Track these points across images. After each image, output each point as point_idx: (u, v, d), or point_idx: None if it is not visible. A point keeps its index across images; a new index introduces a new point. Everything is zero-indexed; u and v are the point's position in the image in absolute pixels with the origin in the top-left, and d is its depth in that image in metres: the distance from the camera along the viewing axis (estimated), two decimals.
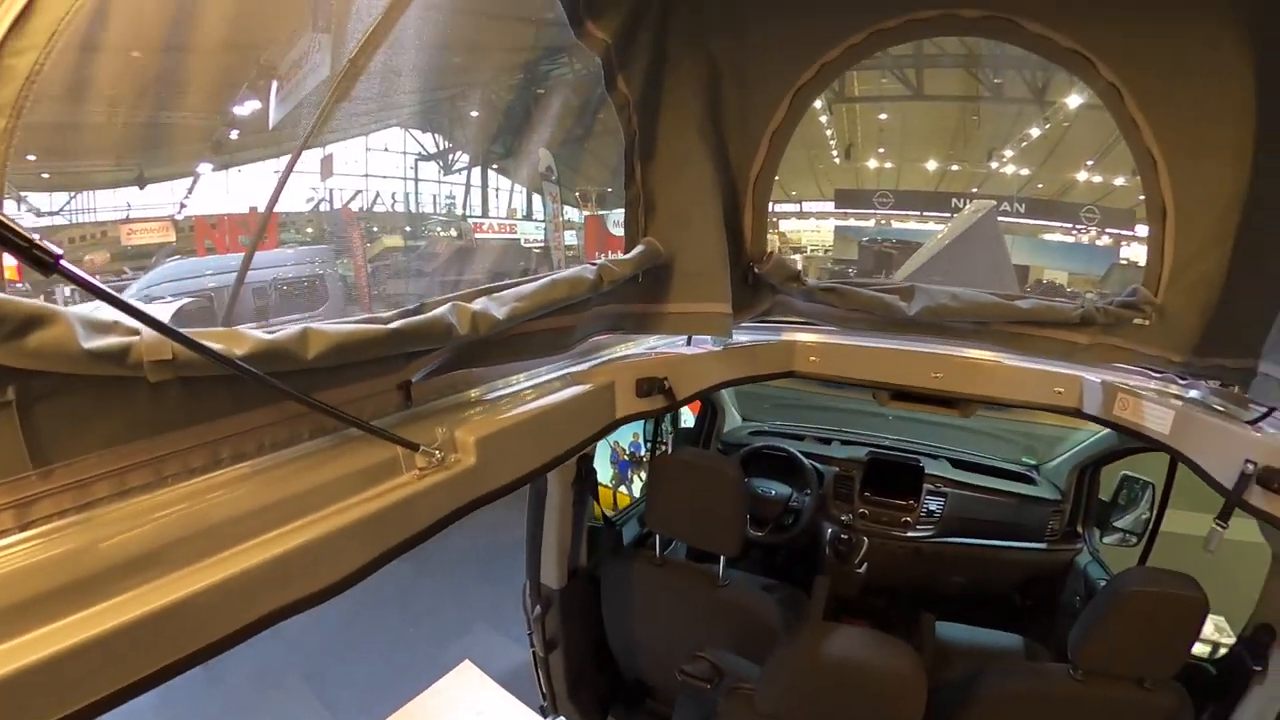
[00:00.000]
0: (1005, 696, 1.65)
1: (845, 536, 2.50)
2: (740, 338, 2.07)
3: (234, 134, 11.08)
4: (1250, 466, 1.31)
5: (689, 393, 1.91)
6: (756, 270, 1.98)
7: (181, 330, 0.76)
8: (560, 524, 2.01)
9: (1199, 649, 1.74)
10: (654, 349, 1.95)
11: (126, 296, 0.71)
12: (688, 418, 3.27)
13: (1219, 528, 1.37)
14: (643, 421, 2.10)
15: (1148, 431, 1.66)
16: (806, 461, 2.73)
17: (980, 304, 1.86)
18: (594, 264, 1.54)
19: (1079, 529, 2.66)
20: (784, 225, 23.87)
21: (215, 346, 0.81)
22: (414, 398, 1.21)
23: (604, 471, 4.47)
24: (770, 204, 1.99)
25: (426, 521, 1.09)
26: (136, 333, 0.75)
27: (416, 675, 3.65)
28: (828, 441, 3.06)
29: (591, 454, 2.01)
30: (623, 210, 1.87)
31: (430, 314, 1.11)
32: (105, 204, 11.57)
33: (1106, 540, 2.55)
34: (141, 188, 11.66)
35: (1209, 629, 3.90)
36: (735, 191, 1.96)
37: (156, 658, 0.77)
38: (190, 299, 8.05)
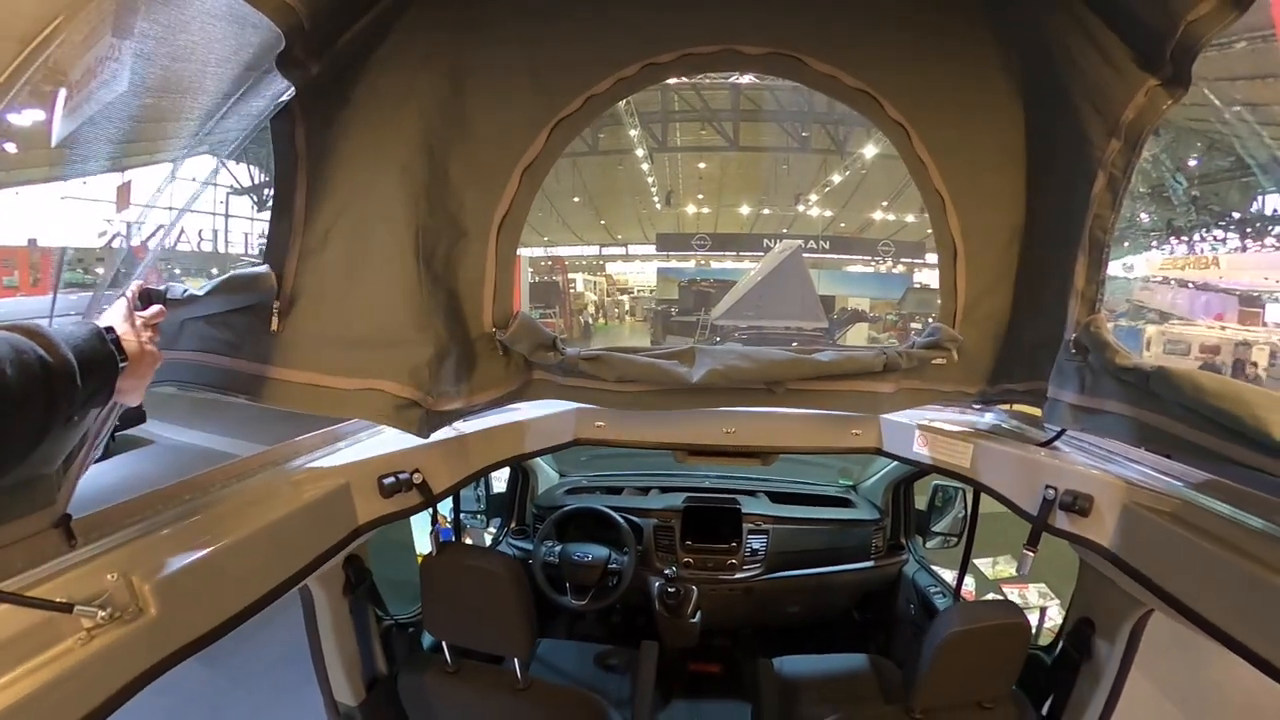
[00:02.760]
0: None
1: (673, 589, 2.41)
2: (520, 409, 1.86)
3: (9, 146, 9.35)
4: (1051, 492, 1.39)
5: (450, 483, 1.70)
6: (499, 338, 1.63)
7: None
8: (339, 636, 1.70)
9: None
10: (403, 437, 1.59)
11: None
12: (501, 480, 3.07)
13: (1029, 553, 1.44)
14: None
15: (949, 466, 1.73)
16: (620, 519, 2.61)
17: (774, 363, 1.72)
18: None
19: (902, 541, 2.77)
20: (611, 268, 24.56)
21: None
22: (78, 536, 0.95)
23: (425, 544, 4.12)
24: (599, 247, 1.76)
25: (101, 696, 0.86)
26: None
27: None
28: (646, 490, 3.01)
29: (362, 555, 1.71)
30: None
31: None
32: None
33: (929, 545, 2.68)
34: None
35: (1034, 597, 4.28)
36: (470, 241, 1.61)
37: None
38: None
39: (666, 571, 2.49)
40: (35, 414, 0.70)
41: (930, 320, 1.86)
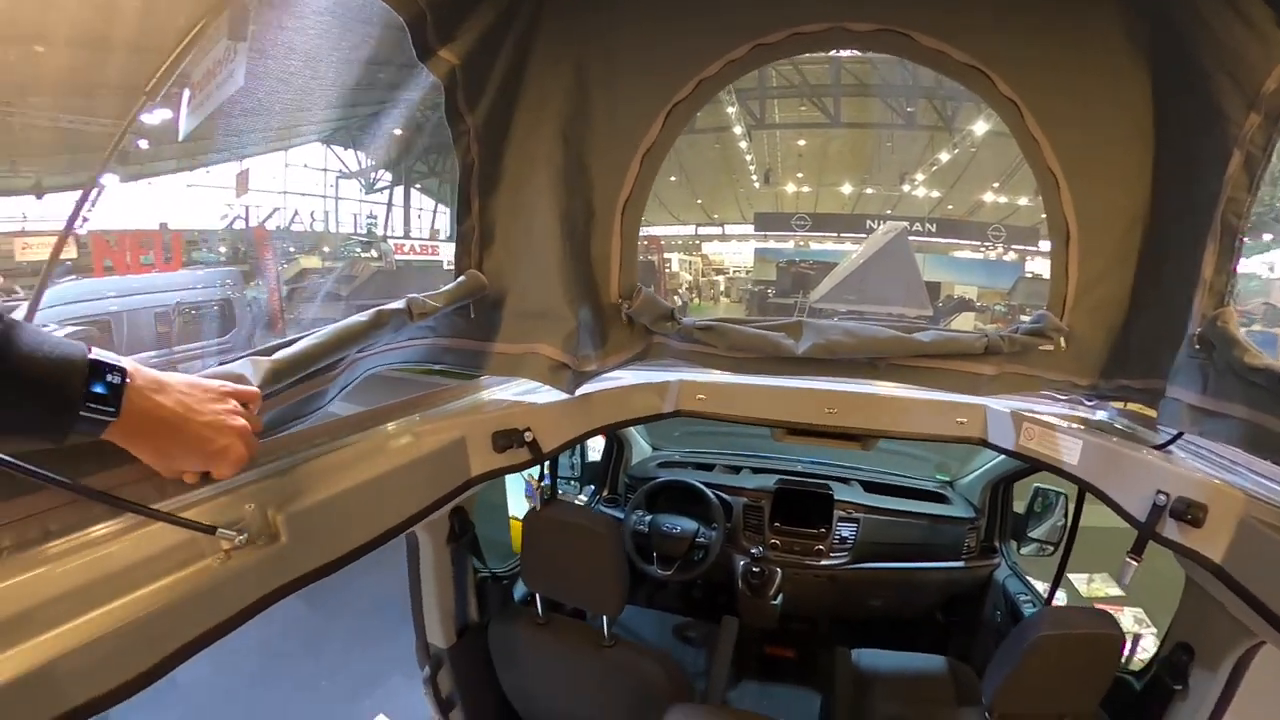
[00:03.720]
0: None
1: (757, 569, 2.41)
2: (624, 377, 1.93)
3: (143, 143, 10.40)
4: (1162, 498, 1.29)
5: (558, 443, 1.77)
6: (625, 310, 1.79)
7: None
8: (439, 582, 1.85)
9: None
10: (516, 397, 1.77)
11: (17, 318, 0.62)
12: (596, 448, 3.17)
13: (1132, 562, 1.33)
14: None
15: (1056, 462, 1.62)
16: (712, 495, 2.64)
17: (877, 339, 1.73)
18: (405, 298, 1.38)
19: (995, 544, 2.65)
20: (707, 248, 24.38)
21: None
22: None
23: (521, 506, 4.33)
24: (695, 226, 1.84)
25: (233, 609, 0.97)
26: None
27: None
28: (738, 470, 2.99)
29: (467, 507, 1.84)
30: None
31: (215, 369, 0.98)
32: None
33: (1024, 552, 2.54)
34: (39, 197, 10.91)
35: (1128, 622, 4.06)
36: (600, 220, 1.76)
37: None
38: (76, 326, 7.49)
39: (753, 551, 2.49)
40: None
41: (1024, 320, 1.75)
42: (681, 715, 1.66)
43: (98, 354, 0.69)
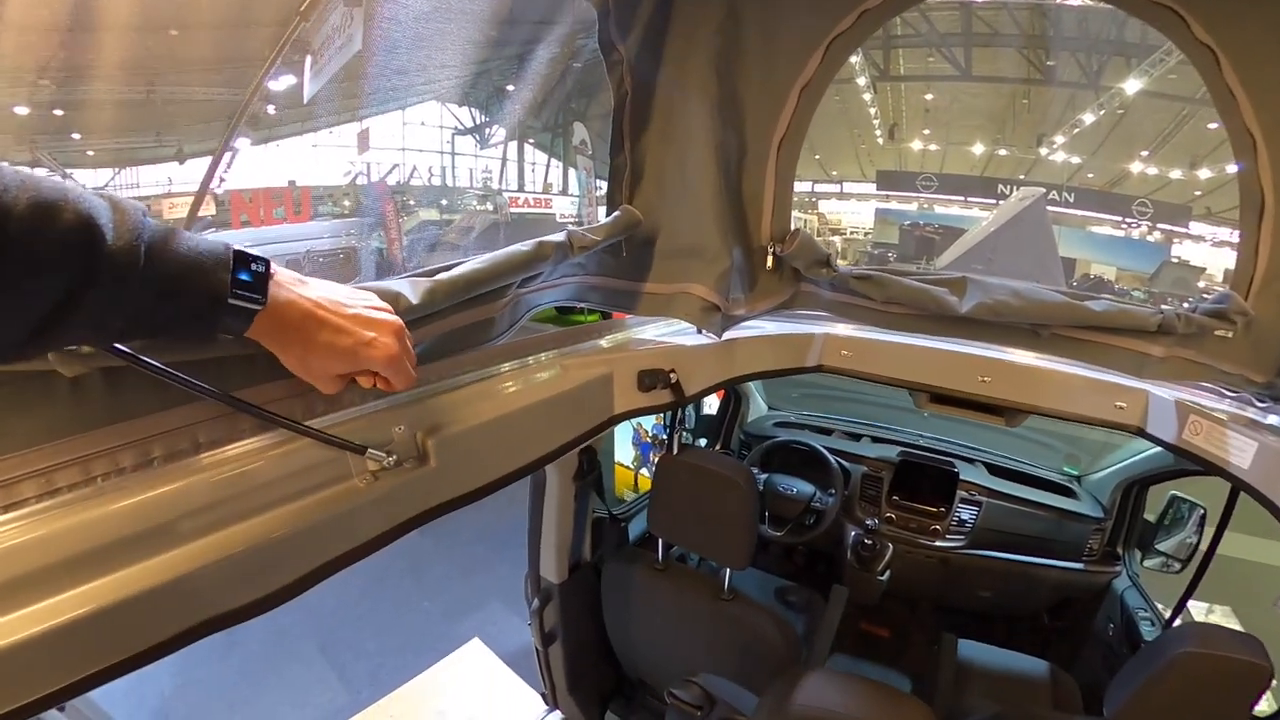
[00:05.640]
0: None
1: (869, 542, 2.36)
2: (764, 326, 1.87)
3: (270, 109, 11.29)
4: None
5: (699, 388, 1.75)
6: (777, 253, 1.71)
7: None
8: (560, 518, 1.88)
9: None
10: (659, 338, 1.74)
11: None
12: (711, 403, 3.16)
13: None
14: None
15: (1222, 464, 1.45)
16: (832, 459, 2.57)
17: (1046, 304, 1.59)
18: (564, 230, 1.37)
19: (1119, 550, 2.47)
20: (823, 206, 23.48)
21: None
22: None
23: (626, 453, 4.40)
24: (811, 183, 1.74)
25: (377, 530, 0.99)
26: None
27: (428, 650, 3.69)
28: (857, 437, 2.90)
29: (596, 446, 1.86)
30: None
31: (375, 283, 0.98)
32: (148, 180, 11.94)
33: (1147, 564, 2.34)
34: (181, 163, 12.11)
35: None
36: (753, 159, 1.69)
37: (92, 661, 0.73)
38: None
39: (868, 523, 2.44)
40: None
41: (1187, 303, 1.55)
42: (817, 681, 1.60)
43: (239, 247, 0.70)
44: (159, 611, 0.78)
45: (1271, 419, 1.51)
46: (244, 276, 0.69)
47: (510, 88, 16.98)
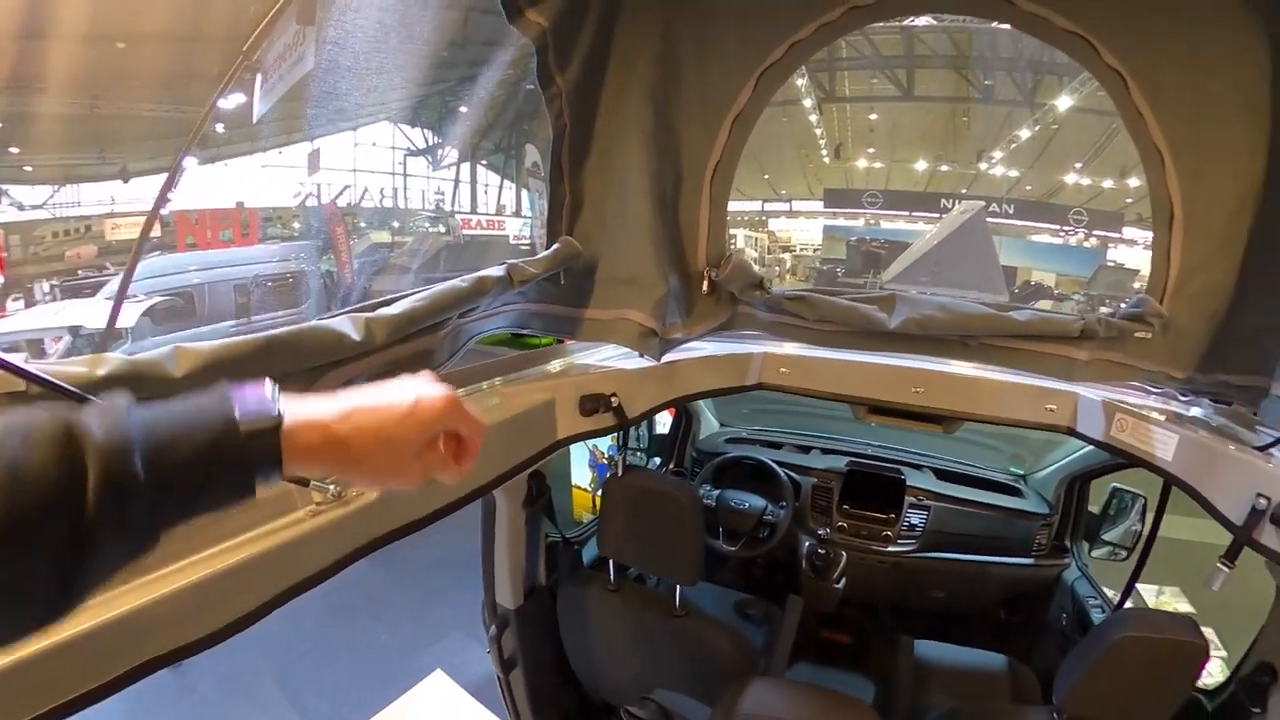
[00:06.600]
0: None
1: (822, 551, 2.39)
2: (706, 347, 1.93)
3: (219, 127, 11.01)
4: (1263, 501, 1.21)
5: (642, 410, 1.78)
6: (713, 277, 1.78)
7: (25, 363, 0.69)
8: (512, 544, 1.88)
9: None
10: (602, 363, 1.79)
11: (110, 292, 0.64)
12: (664, 422, 3.17)
13: (1224, 568, 1.26)
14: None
15: (1148, 457, 1.53)
16: (781, 472, 2.62)
17: (971, 316, 1.68)
18: (504, 264, 1.40)
19: (1067, 543, 2.56)
20: (773, 224, 23.92)
21: (76, 369, 0.73)
22: None
23: (583, 475, 4.39)
24: (761, 202, 1.81)
25: (324, 562, 0.99)
26: None
27: (389, 683, 3.60)
28: (807, 450, 2.95)
29: (544, 471, 1.87)
30: None
31: (316, 323, 0.99)
32: (89, 198, 11.54)
33: (1095, 554, 2.43)
34: (125, 181, 11.66)
35: None
36: (688, 187, 1.75)
37: (37, 702, 0.71)
38: (163, 298, 7.93)
39: (820, 532, 2.47)
40: None
41: (1123, 304, 1.66)
42: (764, 688, 1.65)
43: (242, 411, 0.57)
44: (106, 649, 0.76)
45: (1194, 411, 1.61)
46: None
47: (463, 109, 16.96)
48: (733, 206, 1.83)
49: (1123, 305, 1.60)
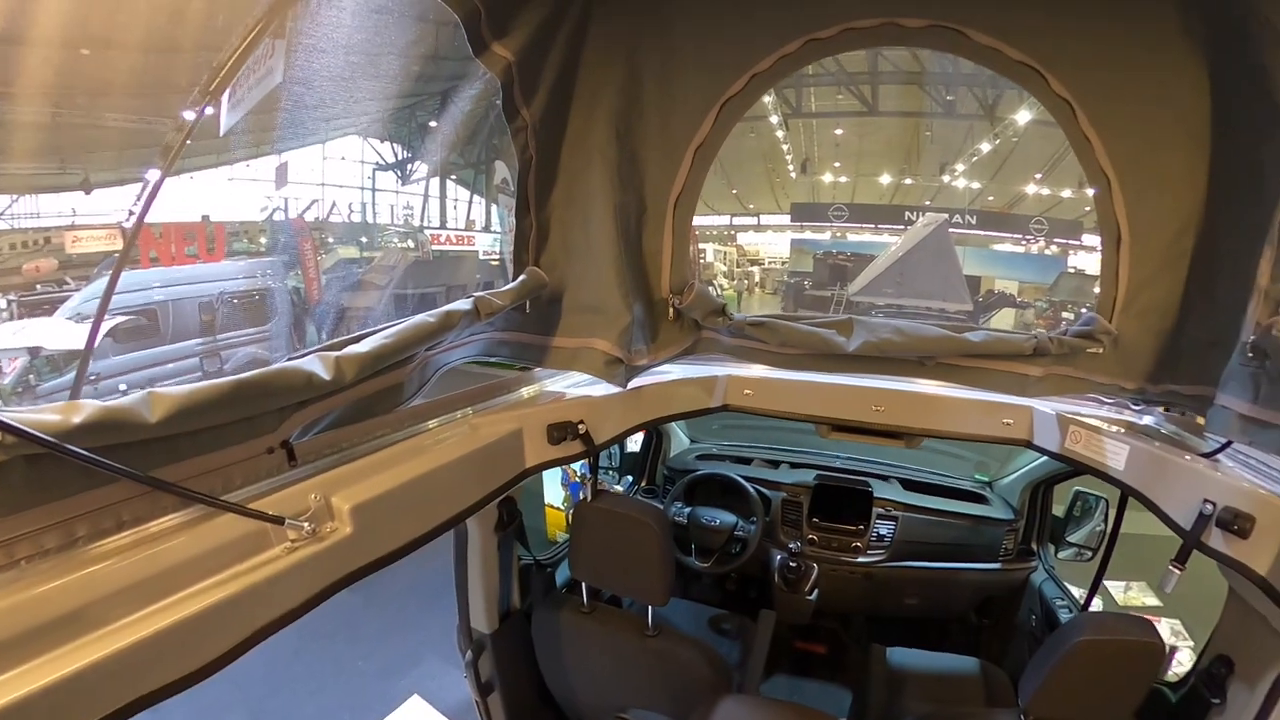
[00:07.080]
0: None
1: (794, 564, 2.42)
2: (672, 371, 1.96)
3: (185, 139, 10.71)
4: (1209, 507, 1.27)
5: (609, 435, 1.81)
6: (677, 305, 1.81)
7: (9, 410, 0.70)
8: (485, 569, 1.91)
9: None
10: (570, 388, 1.82)
11: (69, 309, 0.65)
12: (636, 441, 3.19)
13: (1176, 570, 1.31)
14: None
15: (1101, 467, 1.60)
16: (751, 488, 2.66)
17: (926, 339, 1.74)
18: (471, 297, 1.42)
19: (1033, 547, 2.62)
20: (742, 239, 24.15)
21: (51, 417, 0.73)
22: (298, 458, 1.10)
23: (556, 494, 4.37)
24: (730, 217, 1.84)
25: (298, 599, 1.00)
26: None
27: (366, 711, 3.53)
28: (776, 464, 3.00)
29: (515, 496, 1.89)
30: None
31: (284, 364, 1.00)
32: (49, 209, 11.21)
33: (1061, 556, 2.51)
34: (88, 193, 11.35)
35: (1165, 632, 3.99)
36: (652, 216, 1.79)
37: None
38: (126, 317, 7.72)
39: (791, 546, 2.50)
40: None
41: (1085, 310, 1.73)
42: (734, 706, 1.68)
43: None
44: (88, 693, 0.76)
45: (1146, 420, 1.69)
46: None
47: (432, 124, 16.88)
48: (702, 221, 1.85)
49: (1073, 323, 1.67)
